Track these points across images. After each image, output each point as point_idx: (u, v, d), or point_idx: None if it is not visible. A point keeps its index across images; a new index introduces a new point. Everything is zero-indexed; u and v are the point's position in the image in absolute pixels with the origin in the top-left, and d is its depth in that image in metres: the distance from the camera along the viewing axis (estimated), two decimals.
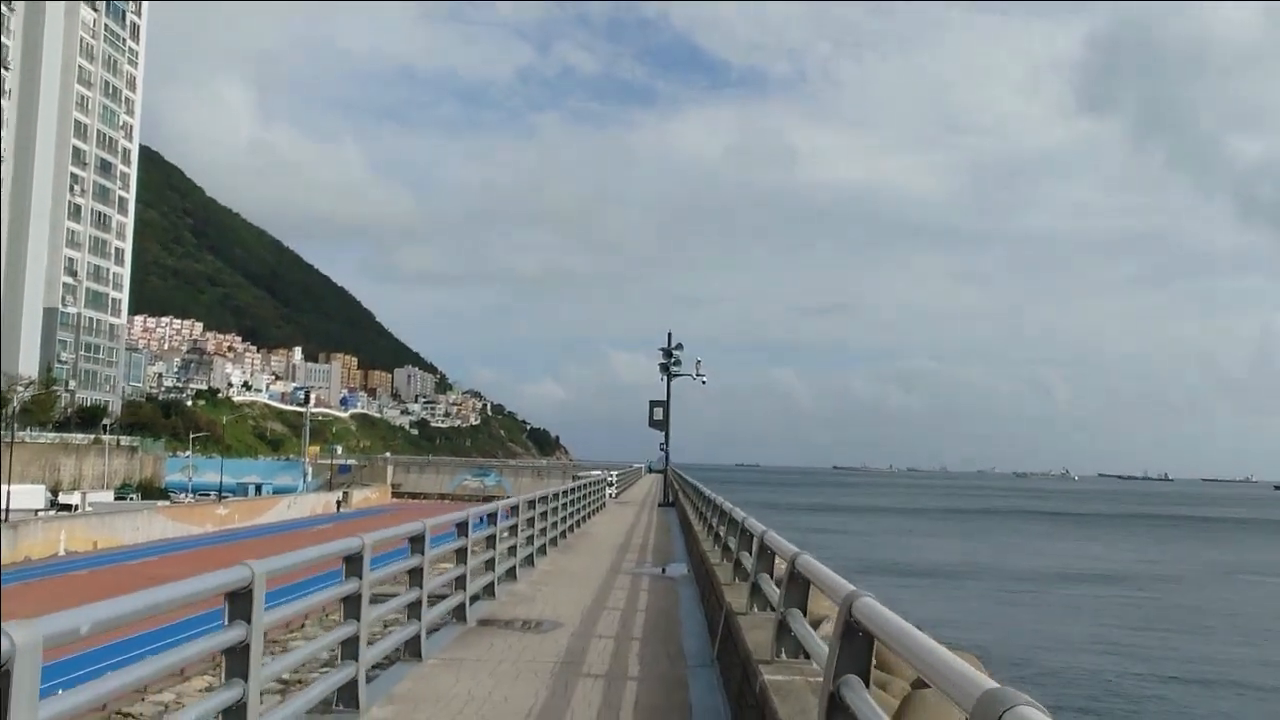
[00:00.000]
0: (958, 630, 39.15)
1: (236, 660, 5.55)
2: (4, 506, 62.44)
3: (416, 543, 9.81)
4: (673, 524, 31.84)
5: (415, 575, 9.74)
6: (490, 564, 14.13)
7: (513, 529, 16.15)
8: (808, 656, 6.73)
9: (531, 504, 18.68)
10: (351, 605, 7.60)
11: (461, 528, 11.89)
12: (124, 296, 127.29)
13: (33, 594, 41.45)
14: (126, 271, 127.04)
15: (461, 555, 11.96)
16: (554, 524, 22.42)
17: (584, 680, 9.08)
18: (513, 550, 16.18)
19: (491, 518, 14.27)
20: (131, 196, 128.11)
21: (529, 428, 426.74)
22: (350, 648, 7.55)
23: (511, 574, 16.25)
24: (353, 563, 7.60)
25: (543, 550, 20.41)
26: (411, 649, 9.76)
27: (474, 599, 13.66)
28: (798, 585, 7.06)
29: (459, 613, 11.96)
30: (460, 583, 11.93)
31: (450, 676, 9.13)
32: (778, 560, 8.49)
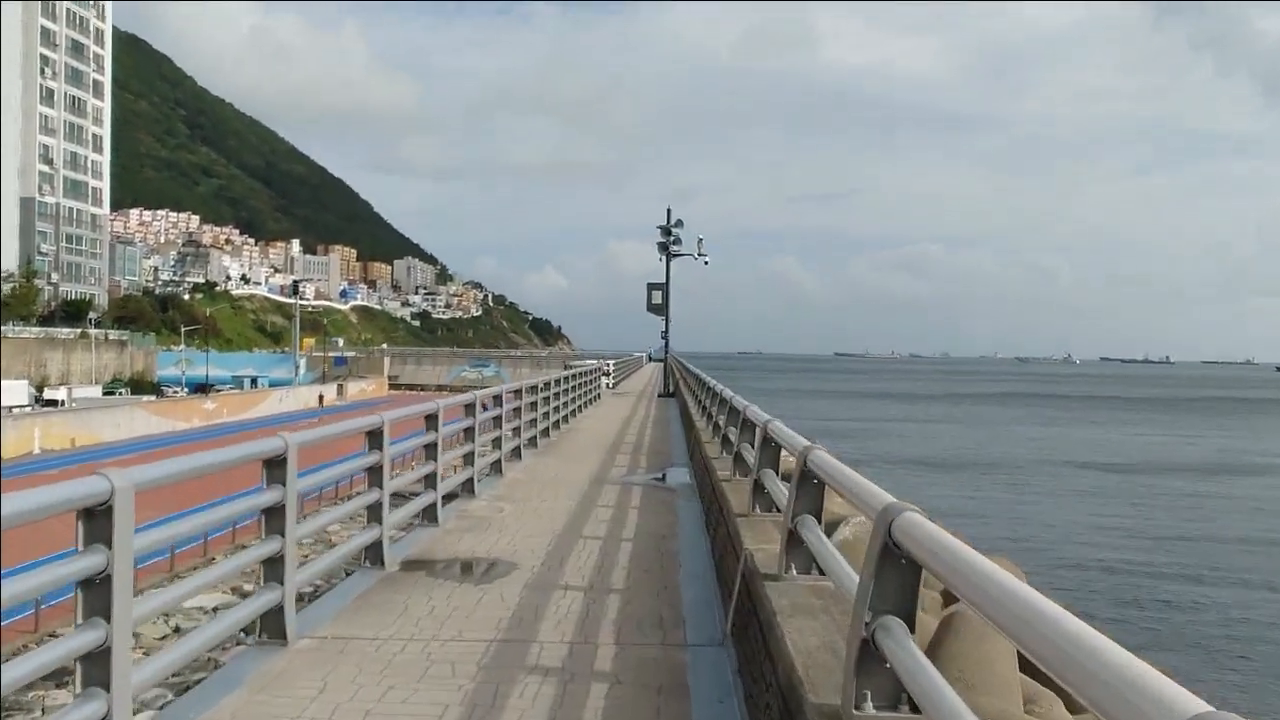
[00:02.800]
0: (985, 524, 36.70)
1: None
2: None
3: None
4: (673, 418, 28.70)
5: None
6: (431, 479, 10.94)
7: (468, 431, 12.96)
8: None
9: (501, 399, 15.47)
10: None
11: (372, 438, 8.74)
12: (104, 185, 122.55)
13: None
14: (106, 159, 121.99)
15: (376, 474, 8.69)
16: (533, 420, 19.29)
17: (525, 679, 5.89)
18: (468, 459, 13.02)
19: (431, 420, 10.98)
20: (107, 80, 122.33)
21: (531, 318, 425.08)
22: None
23: (468, 488, 13.12)
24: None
25: (516, 453, 17.26)
26: (273, 628, 6.52)
27: (404, 529, 10.58)
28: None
29: (373, 553, 8.78)
30: (374, 513, 8.71)
31: (317, 676, 5.97)
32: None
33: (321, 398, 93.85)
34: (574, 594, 8.05)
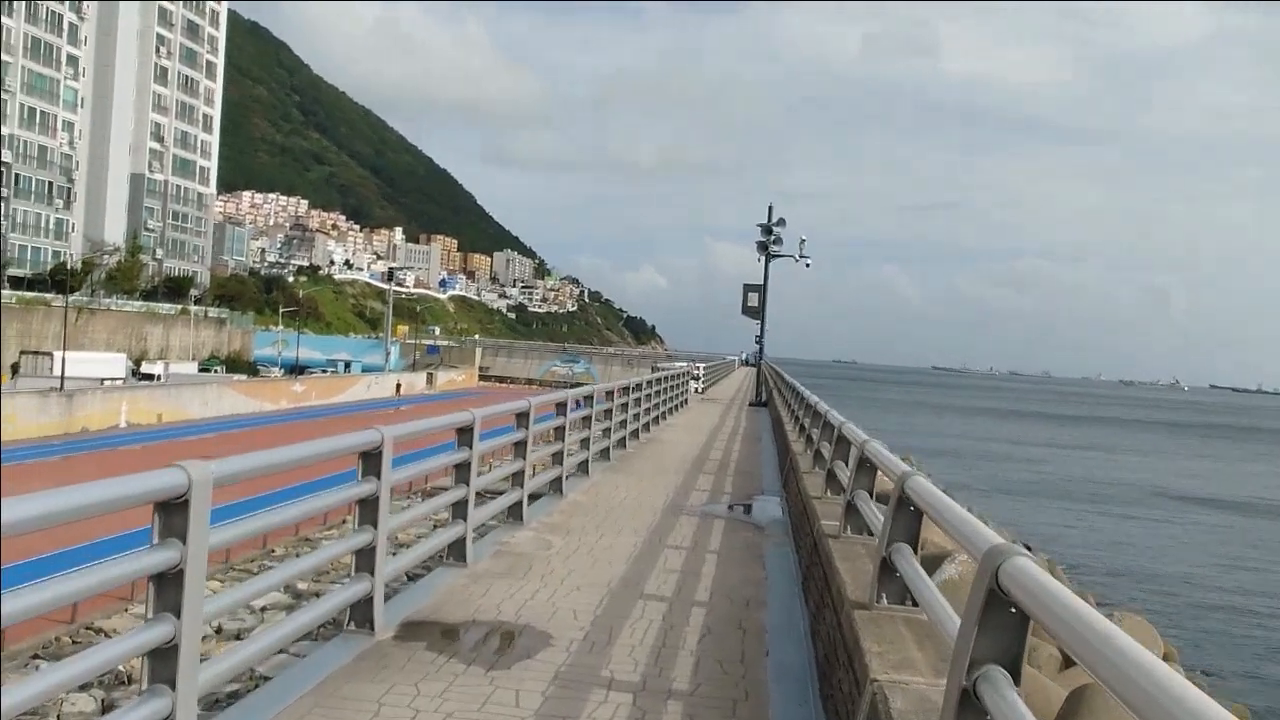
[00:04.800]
0: (1097, 560, 33.54)
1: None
2: (62, 373, 59.57)
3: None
4: (764, 431, 26.25)
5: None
6: (460, 507, 8.79)
7: (517, 445, 10.82)
8: None
9: (566, 405, 13.30)
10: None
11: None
12: (212, 165, 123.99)
13: (76, 467, 38.29)
14: (215, 139, 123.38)
15: (366, 508, 6.58)
16: (606, 430, 17.12)
17: None
18: (516, 478, 10.86)
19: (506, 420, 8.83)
20: (220, 62, 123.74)
21: (625, 316, 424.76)
22: None
23: (516, 513, 10.97)
24: None
25: (583, 468, 15.08)
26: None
27: (411, 578, 8.58)
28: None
29: (360, 613, 6.66)
30: (364, 561, 6.58)
31: None
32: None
33: (399, 386, 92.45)
34: (617, 699, 5.79)
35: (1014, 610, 3.13)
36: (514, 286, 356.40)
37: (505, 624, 7.24)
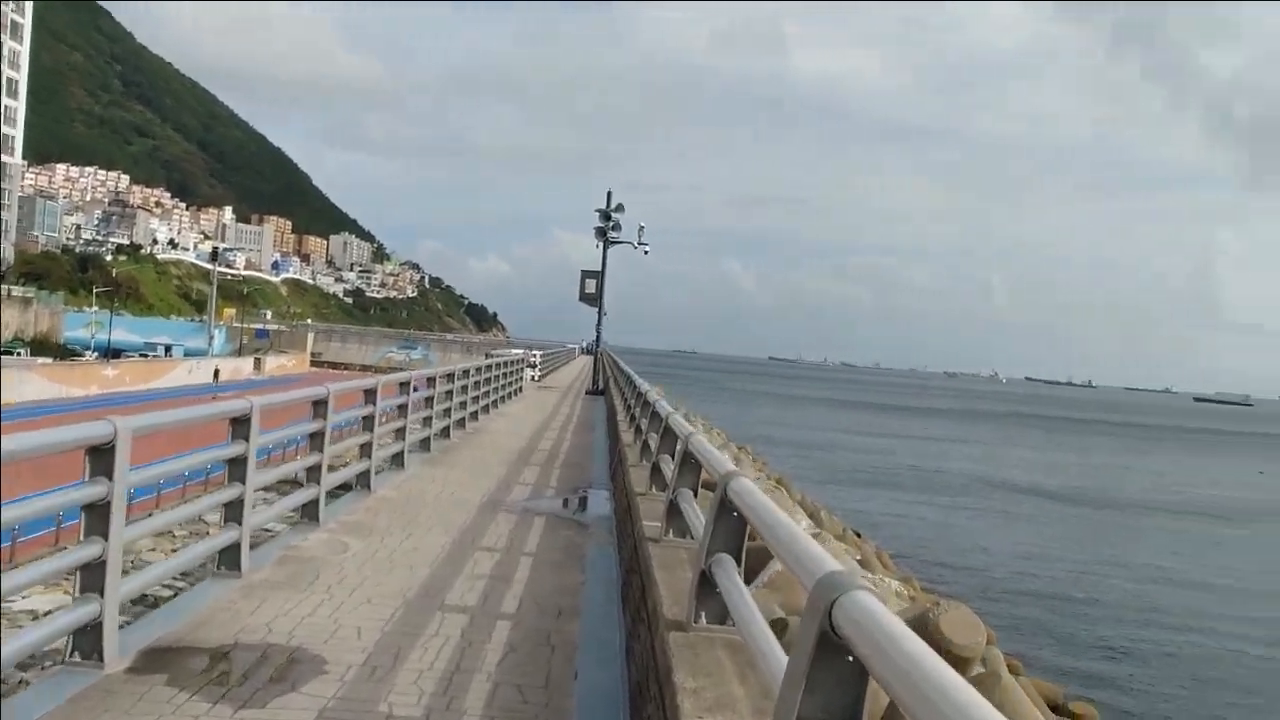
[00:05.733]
0: (924, 547, 34.20)
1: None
2: None
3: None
4: (598, 421, 25.51)
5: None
6: (234, 509, 7.67)
7: (314, 438, 9.71)
8: None
9: (376, 393, 12.18)
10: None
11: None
12: (17, 133, 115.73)
13: None
14: (21, 105, 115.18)
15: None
16: (429, 419, 16.05)
17: None
18: (311, 473, 9.77)
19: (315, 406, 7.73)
20: (27, 22, 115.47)
21: (467, 302, 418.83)
22: None
23: (310, 513, 9.86)
24: None
25: (397, 460, 14.00)
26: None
27: (182, 578, 7.46)
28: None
29: (87, 641, 5.53)
30: (91, 578, 5.45)
31: None
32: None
33: (217, 372, 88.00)
34: None
35: (851, 659, 2.45)
36: (351, 271, 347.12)
37: (273, 647, 6.19)
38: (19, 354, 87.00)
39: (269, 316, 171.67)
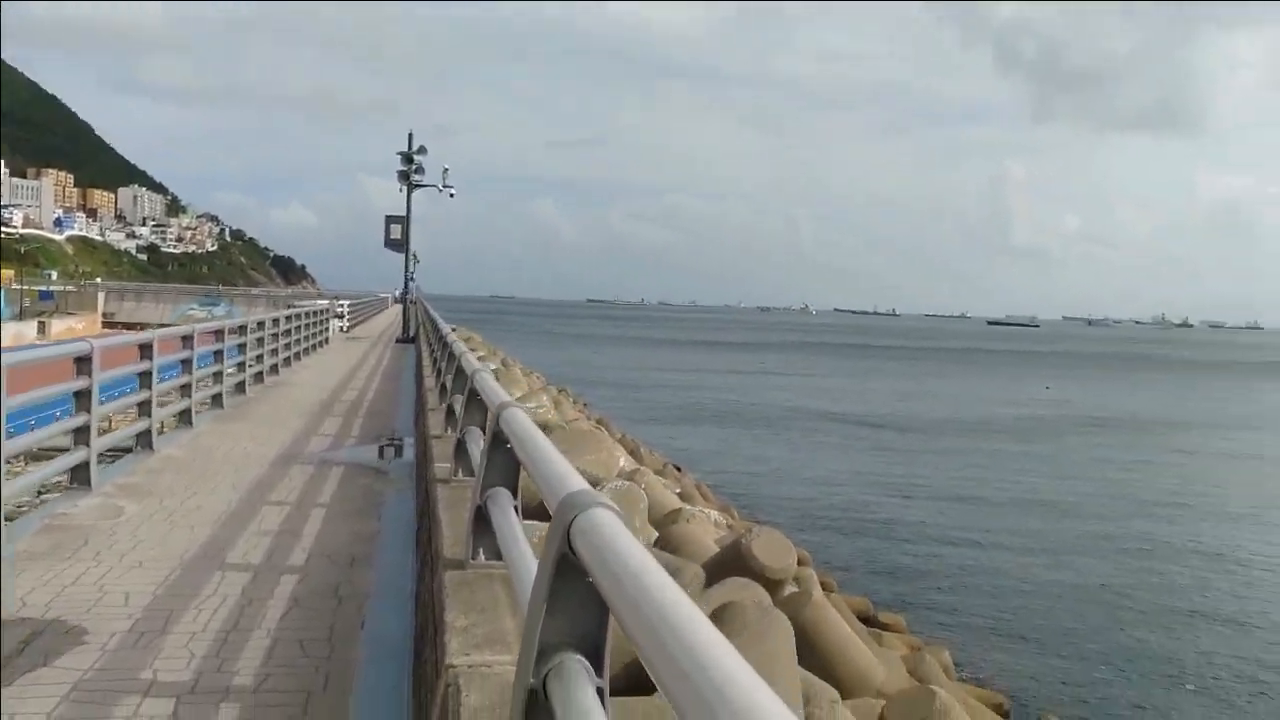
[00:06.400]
0: (744, 479, 35.08)
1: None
2: None
3: None
4: (406, 368, 24.87)
5: None
6: None
7: (80, 396, 8.99)
8: None
9: (153, 347, 11.39)
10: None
11: None
12: None
13: None
14: None
15: None
16: (220, 374, 15.22)
17: None
18: (79, 434, 9.07)
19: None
20: None
21: (273, 255, 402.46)
22: None
23: (82, 476, 9.16)
24: None
25: (184, 418, 13.22)
26: None
27: None
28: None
29: None
30: None
31: None
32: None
33: None
34: (151, 710, 4.52)
35: (590, 580, 2.32)
36: (144, 225, 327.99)
37: (27, 621, 5.68)
38: None
39: (54, 277, 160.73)
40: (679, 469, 32.19)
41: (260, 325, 18.80)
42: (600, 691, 2.26)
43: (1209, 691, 16.14)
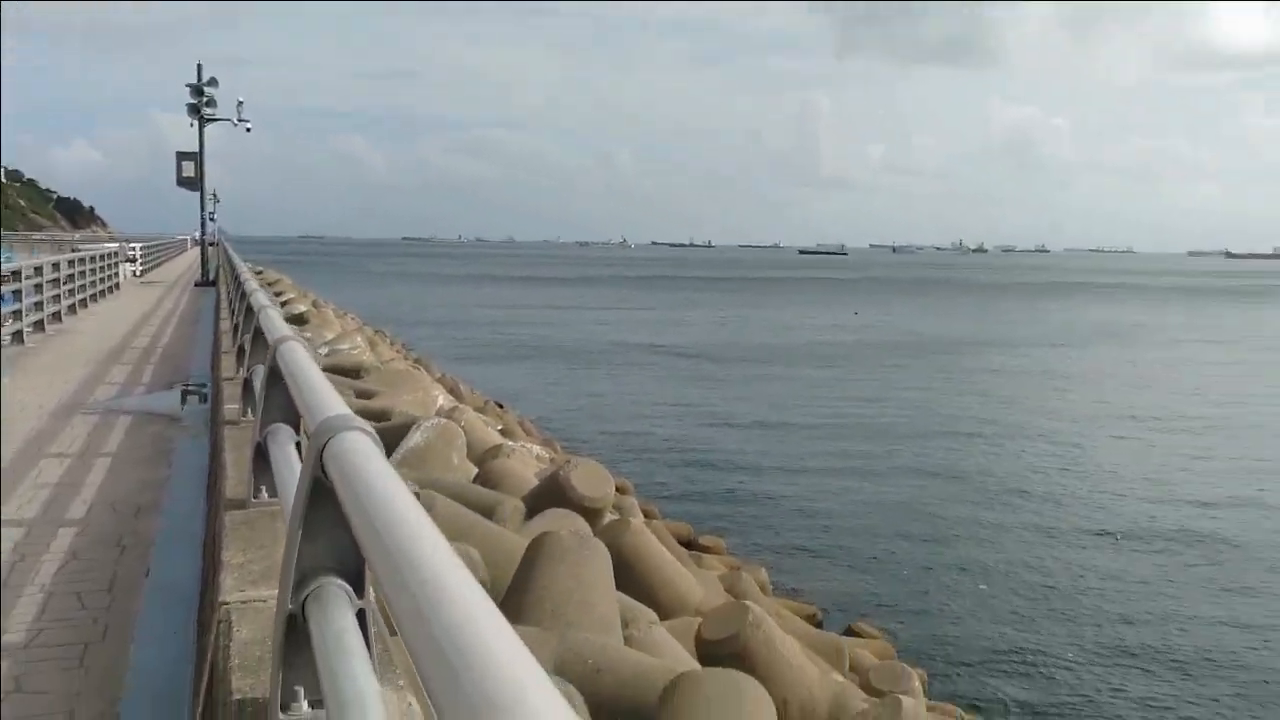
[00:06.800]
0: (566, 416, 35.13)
1: None
2: None
3: None
4: (206, 311, 23.65)
5: None
6: None
7: None
8: None
9: None
10: None
11: None
12: None
13: None
14: None
15: None
16: None
17: None
18: None
19: None
20: None
21: (56, 197, 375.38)
22: None
23: None
24: None
25: None
26: None
27: None
28: None
29: None
30: None
31: None
32: None
33: None
34: None
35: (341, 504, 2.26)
36: None
37: None
38: None
39: None
40: (501, 406, 31.96)
41: (38, 271, 17.44)
42: (362, 613, 2.24)
43: (1005, 595, 17.22)
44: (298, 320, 23.59)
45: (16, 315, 15.71)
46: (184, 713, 3.91)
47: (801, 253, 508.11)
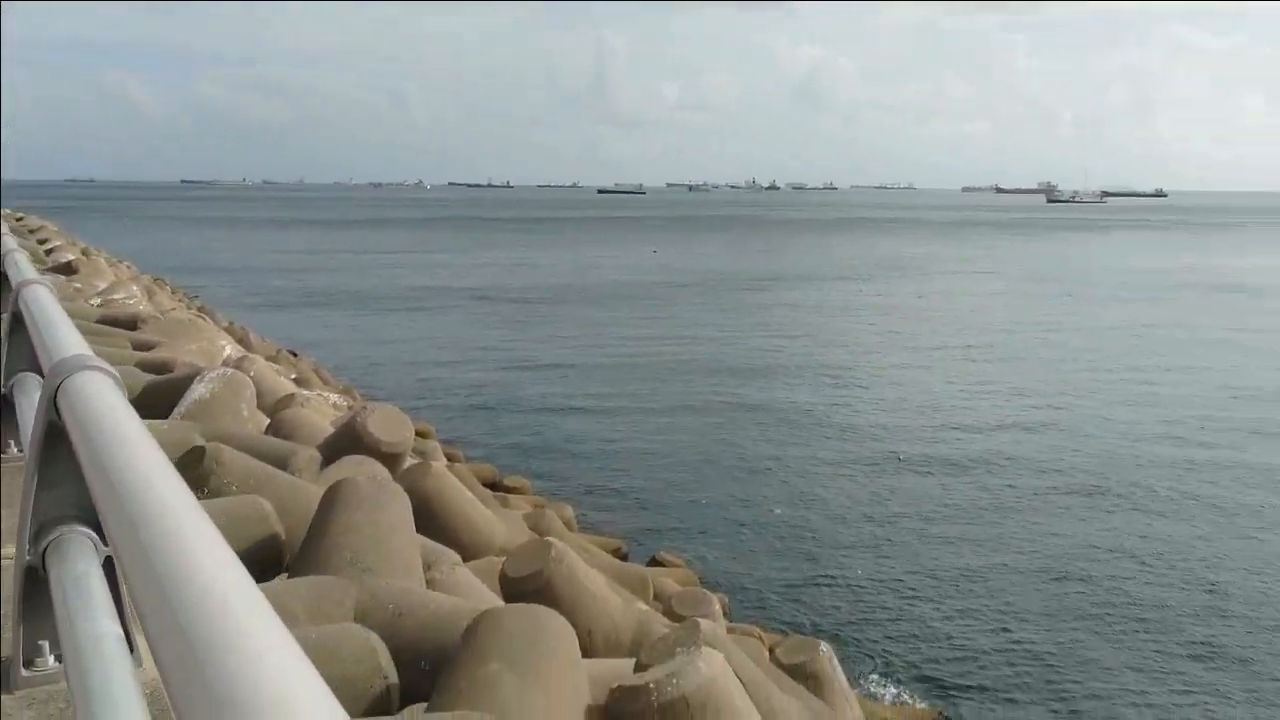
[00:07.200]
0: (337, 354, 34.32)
1: None
2: None
3: None
4: None
5: None
6: None
7: None
8: None
9: None
10: None
11: None
12: None
13: None
14: None
15: None
16: None
17: None
18: None
19: None
20: None
21: None
22: None
23: None
24: None
25: None
26: None
27: None
28: None
29: None
30: None
31: None
32: None
33: None
34: None
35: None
36: None
37: None
38: None
39: None
40: (294, 354, 30.95)
41: None
42: (110, 560, 2.14)
43: (801, 520, 18.06)
44: (65, 269, 22.06)
45: None
46: None
47: (600, 192, 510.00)
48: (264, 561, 5.93)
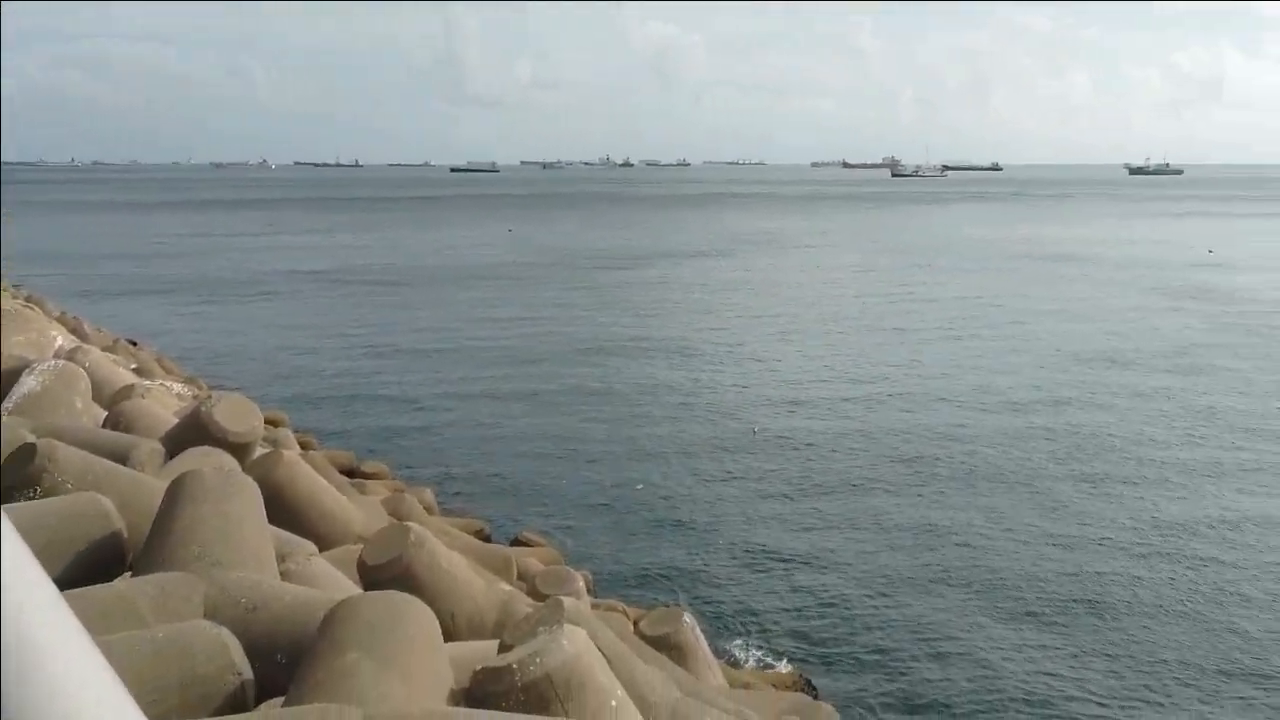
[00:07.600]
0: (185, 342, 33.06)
1: None
2: None
3: None
4: None
5: None
6: None
7: None
8: None
9: None
10: None
11: None
12: None
13: None
14: None
15: None
16: None
17: None
18: None
19: None
20: None
21: None
22: None
23: None
24: None
25: None
26: None
27: None
28: None
29: None
30: None
31: None
32: None
33: None
34: None
35: None
36: None
37: None
38: None
39: None
40: (134, 344, 29.66)
41: None
42: None
43: (661, 494, 18.29)
44: None
45: None
46: None
47: (453, 170, 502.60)
48: (106, 561, 5.66)
